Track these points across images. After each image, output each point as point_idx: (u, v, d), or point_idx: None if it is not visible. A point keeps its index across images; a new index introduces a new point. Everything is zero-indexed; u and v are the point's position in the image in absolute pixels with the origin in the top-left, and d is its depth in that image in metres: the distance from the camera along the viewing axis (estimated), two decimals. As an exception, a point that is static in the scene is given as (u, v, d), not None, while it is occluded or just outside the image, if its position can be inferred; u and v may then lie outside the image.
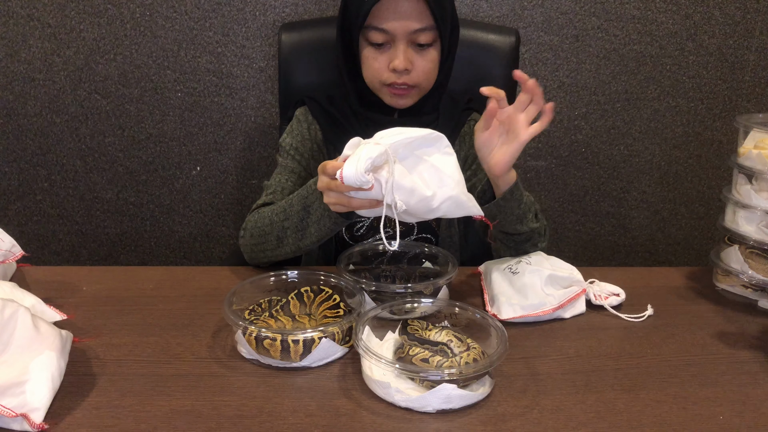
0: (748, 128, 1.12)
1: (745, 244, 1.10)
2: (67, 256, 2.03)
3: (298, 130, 1.27)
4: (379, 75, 1.17)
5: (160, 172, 1.96)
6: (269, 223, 1.11)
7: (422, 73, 1.17)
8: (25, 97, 1.87)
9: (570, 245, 2.11)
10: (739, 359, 0.95)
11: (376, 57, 1.17)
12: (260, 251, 1.15)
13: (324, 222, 1.04)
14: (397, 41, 1.14)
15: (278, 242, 1.11)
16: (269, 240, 1.12)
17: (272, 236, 1.11)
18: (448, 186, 0.92)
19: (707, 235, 2.14)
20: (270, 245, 1.12)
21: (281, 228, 1.09)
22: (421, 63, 1.16)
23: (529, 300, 1.03)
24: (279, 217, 1.10)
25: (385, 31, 1.13)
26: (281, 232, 1.09)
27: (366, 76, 1.20)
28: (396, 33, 1.13)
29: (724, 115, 2.01)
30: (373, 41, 1.15)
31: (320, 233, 1.06)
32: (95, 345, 0.94)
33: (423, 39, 1.15)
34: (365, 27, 1.15)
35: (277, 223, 1.10)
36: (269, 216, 1.12)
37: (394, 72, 1.15)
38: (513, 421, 0.79)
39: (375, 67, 1.17)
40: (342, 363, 0.91)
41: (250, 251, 1.17)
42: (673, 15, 1.89)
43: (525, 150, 0.98)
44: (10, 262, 1.06)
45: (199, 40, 1.84)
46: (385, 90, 1.19)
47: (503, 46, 1.43)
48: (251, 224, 1.16)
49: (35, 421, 0.75)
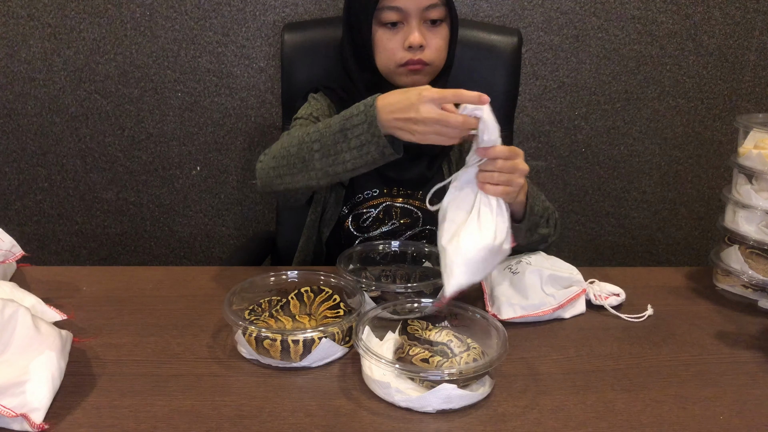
0: (748, 128, 1.12)
1: (745, 244, 1.10)
2: (67, 256, 2.03)
3: (318, 106, 1.26)
4: (393, 55, 1.18)
5: (160, 172, 1.96)
6: (297, 143, 1.03)
7: (435, 50, 1.19)
8: (25, 97, 1.87)
9: (570, 245, 2.11)
10: (739, 359, 0.95)
11: (390, 38, 1.17)
12: (277, 176, 1.07)
13: (368, 149, 0.96)
14: (410, 18, 1.16)
15: (303, 165, 1.03)
16: (292, 162, 1.04)
17: (297, 158, 1.03)
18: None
19: (707, 235, 2.14)
20: (293, 168, 1.04)
21: (309, 150, 1.01)
22: (434, 40, 1.18)
23: (529, 300, 1.03)
24: (310, 137, 1.01)
25: (398, 9, 1.15)
26: (309, 154, 1.01)
27: (380, 61, 1.20)
28: (409, 9, 1.15)
29: (724, 115, 2.01)
30: (387, 21, 1.17)
31: (358, 161, 0.98)
32: (95, 345, 0.94)
33: (435, 14, 1.17)
34: (378, 9, 1.16)
35: (306, 143, 1.02)
36: (299, 136, 1.04)
37: (409, 50, 1.16)
38: (513, 421, 0.79)
39: (390, 48, 1.18)
40: (342, 363, 0.91)
41: (266, 175, 1.09)
42: (673, 15, 1.89)
43: (525, 150, 0.98)
44: (10, 262, 1.06)
45: (199, 40, 1.84)
46: (400, 71, 1.19)
47: (505, 46, 1.43)
48: (277, 146, 1.08)
49: (35, 421, 0.75)
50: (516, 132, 1.96)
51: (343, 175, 1.01)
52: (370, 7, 1.16)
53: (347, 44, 1.23)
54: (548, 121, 1.96)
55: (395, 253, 1.17)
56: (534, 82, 1.92)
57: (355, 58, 1.23)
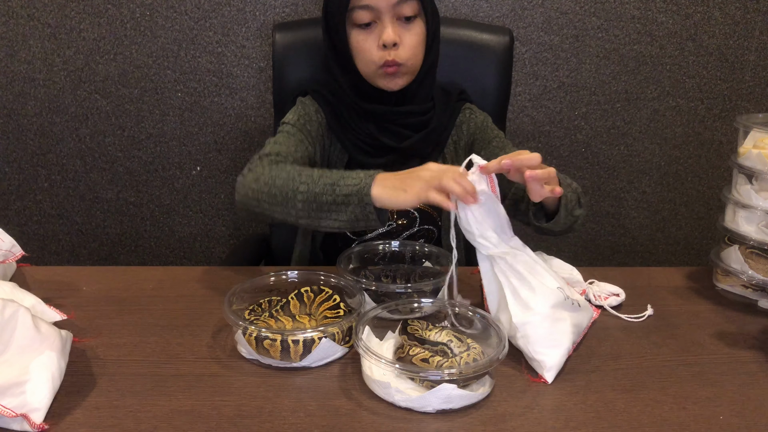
0: (748, 128, 1.12)
1: (745, 244, 1.10)
2: (67, 256, 2.03)
3: (304, 111, 1.26)
4: (370, 56, 1.17)
5: (160, 172, 1.96)
6: (284, 179, 1.03)
7: (410, 48, 1.18)
8: (25, 97, 1.87)
9: (570, 245, 2.11)
10: (739, 359, 0.95)
11: (365, 39, 1.17)
12: (255, 199, 1.06)
13: (358, 220, 0.99)
14: (382, 16, 1.15)
15: (286, 208, 1.02)
16: (277, 201, 1.03)
17: (284, 200, 1.02)
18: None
19: (707, 235, 2.14)
20: (278, 208, 1.04)
21: (293, 192, 1.01)
22: (408, 38, 1.18)
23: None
24: (307, 185, 1.01)
25: (368, 7, 1.15)
26: (292, 194, 1.01)
27: (359, 64, 1.20)
28: (380, 7, 1.15)
29: (724, 115, 2.01)
30: (360, 22, 1.16)
31: (346, 225, 1.00)
32: (95, 345, 0.94)
33: (407, 11, 1.16)
34: (350, 10, 1.16)
35: (304, 192, 1.01)
36: (288, 172, 1.04)
37: (384, 48, 1.16)
38: (513, 421, 0.79)
39: (365, 49, 1.17)
40: (342, 363, 0.91)
41: (244, 194, 1.08)
42: (673, 15, 1.89)
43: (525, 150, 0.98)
44: (10, 262, 1.06)
45: (199, 40, 1.84)
46: (379, 73, 1.19)
47: (497, 46, 1.43)
48: (266, 173, 1.06)
49: (35, 421, 0.75)
50: (516, 132, 1.97)
51: (326, 230, 1.04)
52: (342, 8, 1.16)
53: (328, 49, 1.23)
54: (548, 121, 1.96)
55: (395, 253, 1.17)
56: (534, 82, 1.92)
57: (336, 62, 1.23)
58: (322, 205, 1.00)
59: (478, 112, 1.34)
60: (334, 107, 1.26)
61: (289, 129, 1.22)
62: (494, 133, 1.30)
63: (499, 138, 1.29)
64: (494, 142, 1.27)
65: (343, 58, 1.21)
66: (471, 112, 1.33)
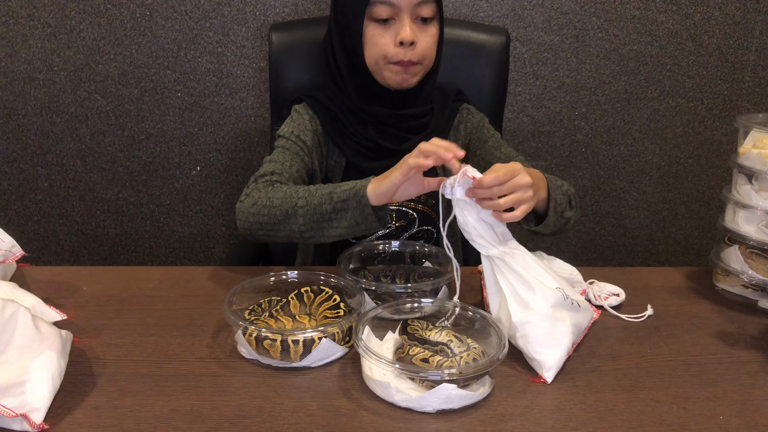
0: (748, 128, 1.12)
1: (745, 244, 1.10)
2: (67, 256, 2.03)
3: (299, 121, 1.26)
4: (384, 50, 1.17)
5: (160, 172, 1.96)
6: (292, 204, 1.06)
7: (426, 48, 1.18)
8: (25, 97, 1.87)
9: (570, 245, 2.11)
10: (739, 359, 0.95)
11: (381, 33, 1.17)
12: (257, 222, 1.09)
13: (358, 224, 1.03)
14: (402, 14, 1.15)
15: (289, 225, 1.06)
16: (278, 220, 1.07)
17: (285, 218, 1.06)
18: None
19: (707, 235, 2.14)
20: (280, 227, 1.07)
21: (314, 218, 1.04)
22: (424, 38, 1.18)
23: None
24: (305, 199, 1.05)
25: (390, 3, 1.14)
26: (293, 210, 1.05)
27: (369, 55, 1.19)
28: (401, 5, 1.14)
29: (724, 115, 2.01)
30: (378, 17, 1.16)
31: (347, 231, 1.04)
32: (95, 345, 0.94)
33: (426, 12, 1.16)
34: (370, 4, 1.15)
35: (303, 207, 1.05)
36: (293, 194, 1.06)
37: (400, 46, 1.16)
38: (513, 421, 0.79)
39: (381, 43, 1.17)
40: (342, 363, 0.91)
41: (245, 219, 1.11)
42: (673, 15, 1.89)
43: (525, 150, 0.98)
44: (10, 262, 1.06)
45: (199, 40, 1.84)
46: (389, 68, 1.18)
47: (494, 46, 1.43)
48: (263, 195, 1.09)
49: (35, 421, 0.75)
50: (516, 132, 1.97)
51: (329, 240, 1.07)
52: (363, 1, 1.16)
53: (336, 42, 1.22)
54: (548, 121, 1.96)
55: (395, 253, 1.17)
56: (534, 82, 1.92)
57: (343, 54, 1.22)
58: (322, 215, 1.03)
59: (475, 113, 1.34)
60: (331, 112, 1.26)
61: (284, 143, 1.23)
62: (490, 133, 1.31)
63: (495, 138, 1.30)
64: (489, 142, 1.28)
65: (351, 51, 1.21)
66: (468, 113, 1.33)
